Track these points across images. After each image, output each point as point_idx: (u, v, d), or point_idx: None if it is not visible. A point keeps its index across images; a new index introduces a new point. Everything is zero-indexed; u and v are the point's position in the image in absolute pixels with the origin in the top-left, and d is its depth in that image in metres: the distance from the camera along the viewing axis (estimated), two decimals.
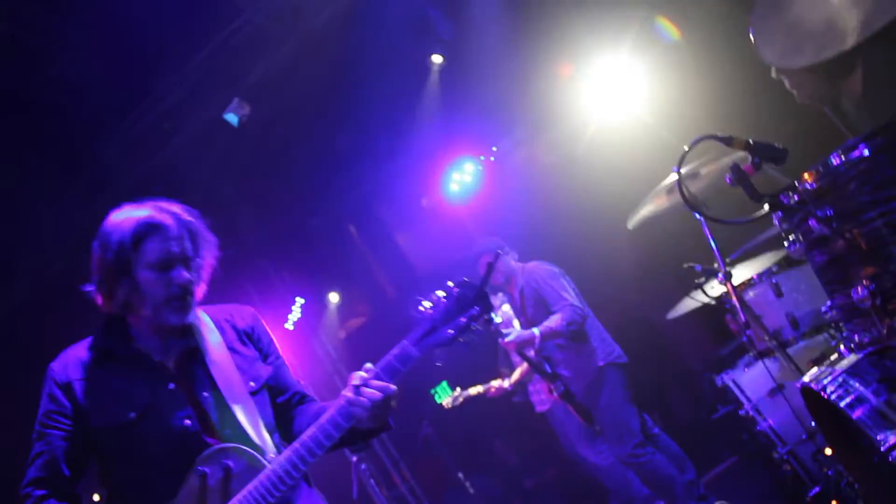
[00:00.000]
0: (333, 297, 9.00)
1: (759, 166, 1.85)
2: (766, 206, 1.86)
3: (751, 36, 1.66)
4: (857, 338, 1.94)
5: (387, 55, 6.47)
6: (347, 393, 1.97)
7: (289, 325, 8.41)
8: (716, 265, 3.78)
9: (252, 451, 2.02)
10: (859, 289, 1.73)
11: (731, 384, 4.06)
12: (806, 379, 2.25)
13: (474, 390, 5.98)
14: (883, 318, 1.77)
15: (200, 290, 2.17)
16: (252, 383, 2.15)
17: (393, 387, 1.97)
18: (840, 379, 2.08)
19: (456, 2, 6.73)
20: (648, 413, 4.93)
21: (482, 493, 7.02)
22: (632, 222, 4.04)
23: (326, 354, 8.73)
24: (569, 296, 4.63)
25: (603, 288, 6.24)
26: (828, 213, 1.73)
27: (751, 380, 3.94)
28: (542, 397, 5.84)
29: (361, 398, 1.94)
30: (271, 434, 2.12)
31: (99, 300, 2.11)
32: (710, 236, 3.63)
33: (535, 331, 4.44)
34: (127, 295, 2.06)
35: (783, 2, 1.69)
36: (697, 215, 2.26)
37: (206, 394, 2.09)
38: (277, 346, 2.33)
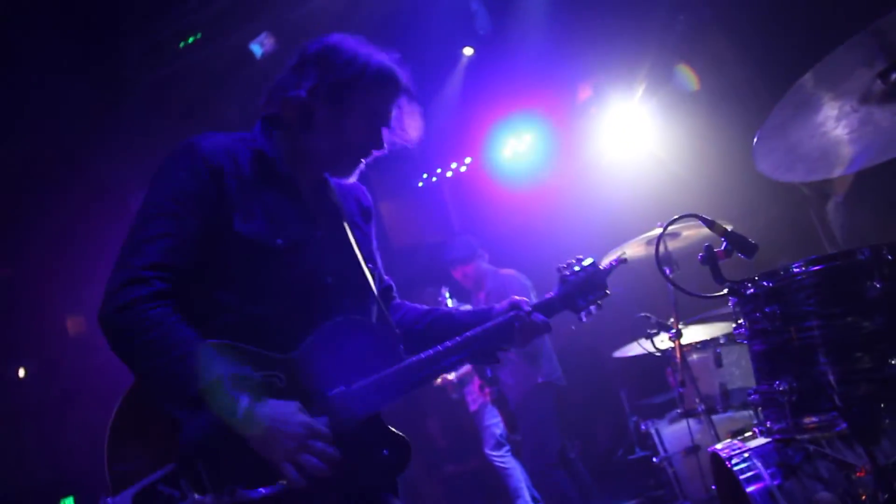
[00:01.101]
0: None
1: (729, 254, 2.05)
2: (726, 290, 2.07)
3: (753, 146, 1.85)
4: (769, 424, 2.16)
5: (422, 32, 6.60)
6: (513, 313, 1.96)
7: None
8: (670, 321, 4.02)
9: (390, 337, 1.87)
10: (781, 383, 1.95)
11: (653, 432, 4.28)
12: (718, 447, 2.48)
13: None
14: (794, 414, 1.99)
15: None
16: (369, 265, 1.98)
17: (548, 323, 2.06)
18: (746, 455, 2.32)
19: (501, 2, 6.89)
20: (571, 439, 5.15)
21: None
22: (607, 259, 4.21)
23: None
24: None
25: None
26: (775, 311, 1.95)
27: (672, 433, 4.16)
28: (474, 397, 6.08)
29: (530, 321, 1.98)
30: (382, 322, 1.96)
31: (280, 104, 1.88)
32: (672, 295, 3.87)
33: None
34: (325, 120, 1.84)
35: (788, 126, 1.88)
36: (666, 275, 2.48)
37: (347, 257, 1.91)
38: None
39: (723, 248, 2.06)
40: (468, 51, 7.34)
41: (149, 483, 1.59)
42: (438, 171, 8.47)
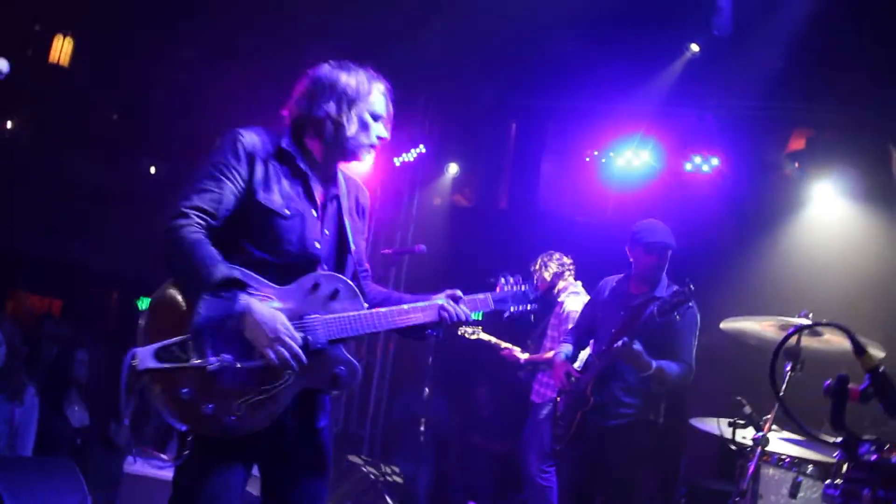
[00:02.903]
0: (452, 168, 8.96)
1: (867, 398, 1.58)
2: (841, 440, 1.60)
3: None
4: None
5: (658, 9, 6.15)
6: (443, 300, 2.59)
7: (397, 161, 8.44)
8: (764, 419, 3.51)
9: (358, 293, 2.51)
10: None
11: None
12: None
13: (491, 338, 6.11)
14: None
15: None
16: (354, 248, 2.62)
17: (472, 317, 2.66)
18: None
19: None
20: None
21: None
22: (728, 324, 3.75)
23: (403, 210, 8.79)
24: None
25: None
26: (880, 495, 1.48)
27: None
28: (545, 391, 5.77)
29: (455, 310, 2.58)
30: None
31: (291, 113, 2.59)
32: (780, 395, 3.34)
33: (653, 363, 4.00)
34: (348, 125, 2.52)
35: None
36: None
37: (336, 238, 2.60)
38: None
39: (862, 386, 1.59)
40: (695, 47, 6.74)
41: (166, 344, 2.24)
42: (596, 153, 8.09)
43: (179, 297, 2.31)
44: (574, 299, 5.70)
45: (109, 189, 9.59)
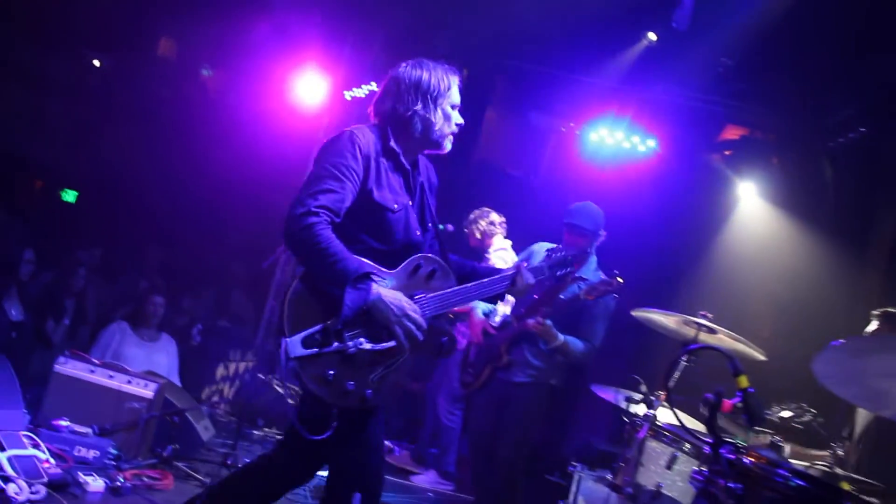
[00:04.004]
0: None
1: (735, 412, 1.94)
2: (711, 439, 1.96)
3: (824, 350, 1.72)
4: None
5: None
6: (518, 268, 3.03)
7: (347, 95, 8.50)
8: (658, 395, 3.92)
9: (450, 270, 2.83)
10: None
11: (576, 476, 4.25)
12: None
13: None
14: None
15: None
16: (439, 226, 2.97)
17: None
18: None
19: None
20: None
21: None
22: (638, 312, 4.11)
23: None
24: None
25: None
26: (737, 491, 1.85)
27: (590, 490, 4.13)
28: (461, 339, 6.07)
29: (525, 276, 3.00)
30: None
31: (378, 112, 2.84)
32: (673, 376, 3.74)
33: (560, 337, 4.35)
34: (421, 121, 2.79)
35: (867, 353, 1.74)
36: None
37: (427, 218, 2.92)
38: None
39: (733, 401, 1.94)
40: (652, 36, 7.00)
41: (310, 332, 2.51)
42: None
43: (315, 290, 2.56)
44: (501, 257, 5.96)
45: (52, 78, 9.32)
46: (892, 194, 6.22)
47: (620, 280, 4.00)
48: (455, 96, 2.83)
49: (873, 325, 3.94)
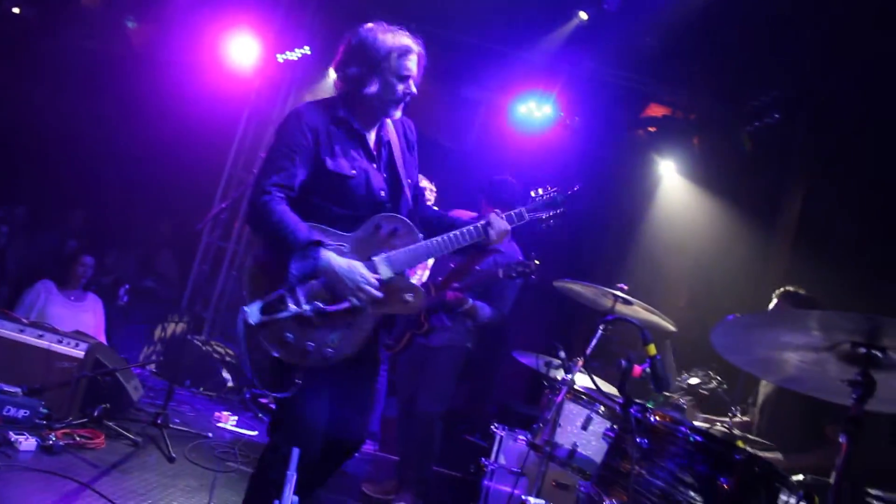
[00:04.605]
0: (333, 74, 9.09)
1: (645, 377, 2.16)
2: (622, 400, 2.19)
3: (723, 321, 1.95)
4: None
5: None
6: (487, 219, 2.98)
7: (280, 58, 8.44)
8: (575, 362, 4.17)
9: (413, 227, 2.89)
10: (607, 499, 2.10)
11: (498, 437, 4.47)
12: (531, 500, 2.66)
13: None
14: None
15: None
16: (409, 181, 3.02)
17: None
18: None
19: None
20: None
21: None
22: (559, 283, 4.32)
23: None
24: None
25: None
26: (642, 444, 2.08)
27: (510, 449, 4.37)
28: None
29: (498, 224, 2.98)
30: (412, 218, 2.97)
31: (341, 82, 2.92)
32: (590, 344, 3.98)
33: (469, 301, 4.72)
34: (371, 86, 2.83)
35: (760, 326, 1.99)
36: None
37: (392, 178, 2.97)
38: None
39: (642, 367, 2.17)
40: (583, 15, 7.20)
41: (268, 299, 2.69)
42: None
43: (272, 260, 2.72)
44: None
45: None
46: (798, 180, 6.63)
47: (537, 262, 4.28)
48: (402, 64, 2.83)
49: (773, 303, 4.28)
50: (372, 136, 2.97)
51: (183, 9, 8.38)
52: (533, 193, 3.24)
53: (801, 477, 3.03)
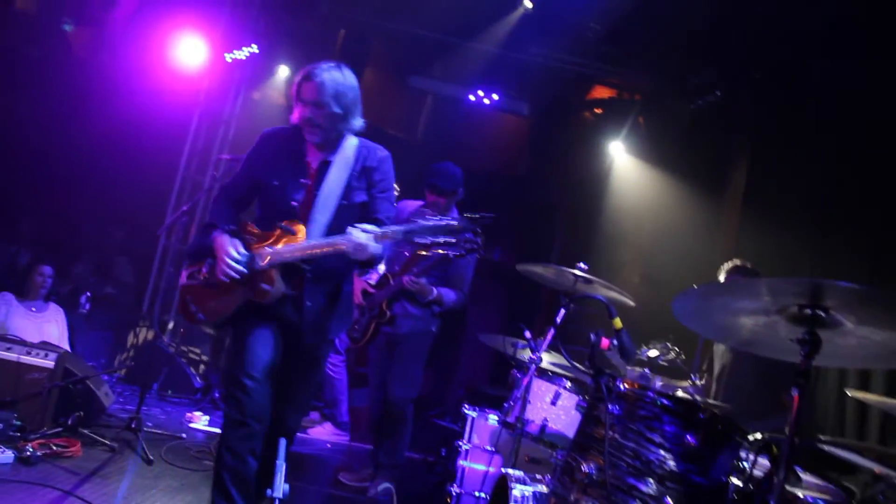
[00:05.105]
0: (283, 70, 9.13)
1: (612, 349, 2.32)
2: (591, 371, 2.34)
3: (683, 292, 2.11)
4: (559, 484, 2.48)
5: None
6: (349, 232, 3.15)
7: (228, 58, 8.43)
8: (541, 340, 4.30)
9: (303, 234, 3.19)
10: (588, 466, 2.25)
11: (469, 418, 4.61)
12: (511, 470, 2.80)
13: None
14: (580, 491, 2.31)
15: (329, 128, 3.26)
16: (344, 201, 3.30)
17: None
18: (528, 492, 2.65)
19: None
20: None
21: None
22: (522, 266, 4.46)
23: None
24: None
25: None
26: (614, 411, 2.23)
27: (482, 429, 4.51)
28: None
29: (359, 235, 3.04)
30: (327, 228, 3.25)
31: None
32: (556, 324, 4.13)
33: (434, 291, 4.89)
34: (293, 114, 3.25)
35: (717, 294, 2.16)
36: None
37: (319, 193, 3.26)
38: (390, 185, 3.45)
39: (610, 340, 2.32)
40: (528, 3, 7.34)
41: (191, 270, 3.41)
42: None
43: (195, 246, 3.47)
44: None
45: None
46: (742, 151, 6.90)
47: (482, 237, 4.43)
48: (301, 91, 3.21)
49: (723, 277, 4.52)
50: (315, 157, 3.34)
51: (126, 11, 8.28)
52: (468, 215, 3.25)
53: (759, 435, 3.23)
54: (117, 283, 8.71)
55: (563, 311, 3.81)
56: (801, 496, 2.39)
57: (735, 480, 2.30)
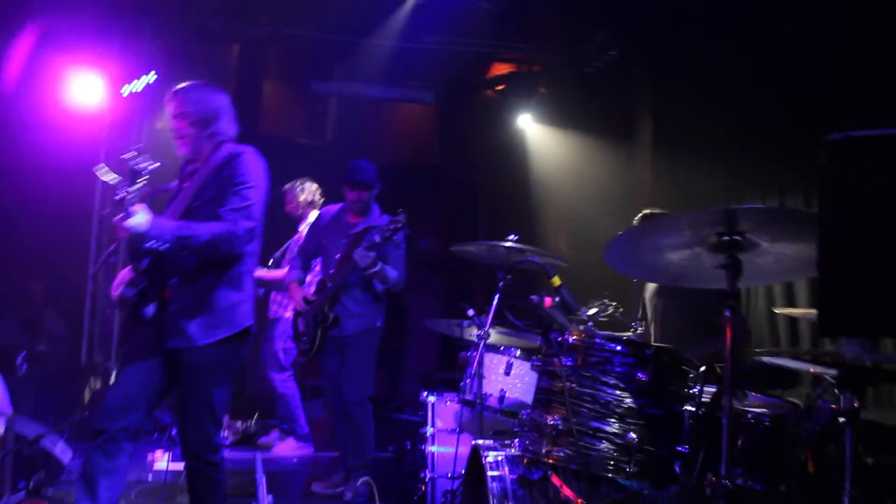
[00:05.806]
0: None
1: (554, 306, 2.45)
2: (540, 330, 2.46)
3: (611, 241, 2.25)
4: (528, 443, 2.60)
5: None
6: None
7: (124, 92, 8.25)
8: (485, 316, 4.41)
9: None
10: (553, 419, 2.38)
11: (429, 405, 4.68)
12: (480, 441, 2.92)
13: None
14: (549, 444, 2.44)
15: (186, 140, 3.48)
16: (196, 202, 3.41)
17: None
18: (500, 457, 2.78)
19: None
20: None
21: None
22: (456, 247, 4.56)
23: None
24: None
25: None
26: (568, 363, 2.37)
27: (444, 412, 4.60)
28: (278, 309, 6.37)
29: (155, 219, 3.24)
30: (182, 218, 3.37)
31: None
32: (498, 295, 4.24)
33: (379, 263, 4.92)
34: None
35: (643, 238, 2.31)
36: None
37: (182, 194, 3.46)
38: (242, 179, 3.39)
39: (552, 299, 2.45)
40: None
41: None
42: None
43: None
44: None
45: None
46: (645, 102, 7.18)
47: (404, 215, 4.61)
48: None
49: None
50: (188, 170, 3.59)
51: (13, 52, 7.99)
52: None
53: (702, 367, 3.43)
54: (50, 336, 8.47)
55: (501, 284, 3.93)
56: (749, 412, 2.57)
57: (688, 407, 2.47)
